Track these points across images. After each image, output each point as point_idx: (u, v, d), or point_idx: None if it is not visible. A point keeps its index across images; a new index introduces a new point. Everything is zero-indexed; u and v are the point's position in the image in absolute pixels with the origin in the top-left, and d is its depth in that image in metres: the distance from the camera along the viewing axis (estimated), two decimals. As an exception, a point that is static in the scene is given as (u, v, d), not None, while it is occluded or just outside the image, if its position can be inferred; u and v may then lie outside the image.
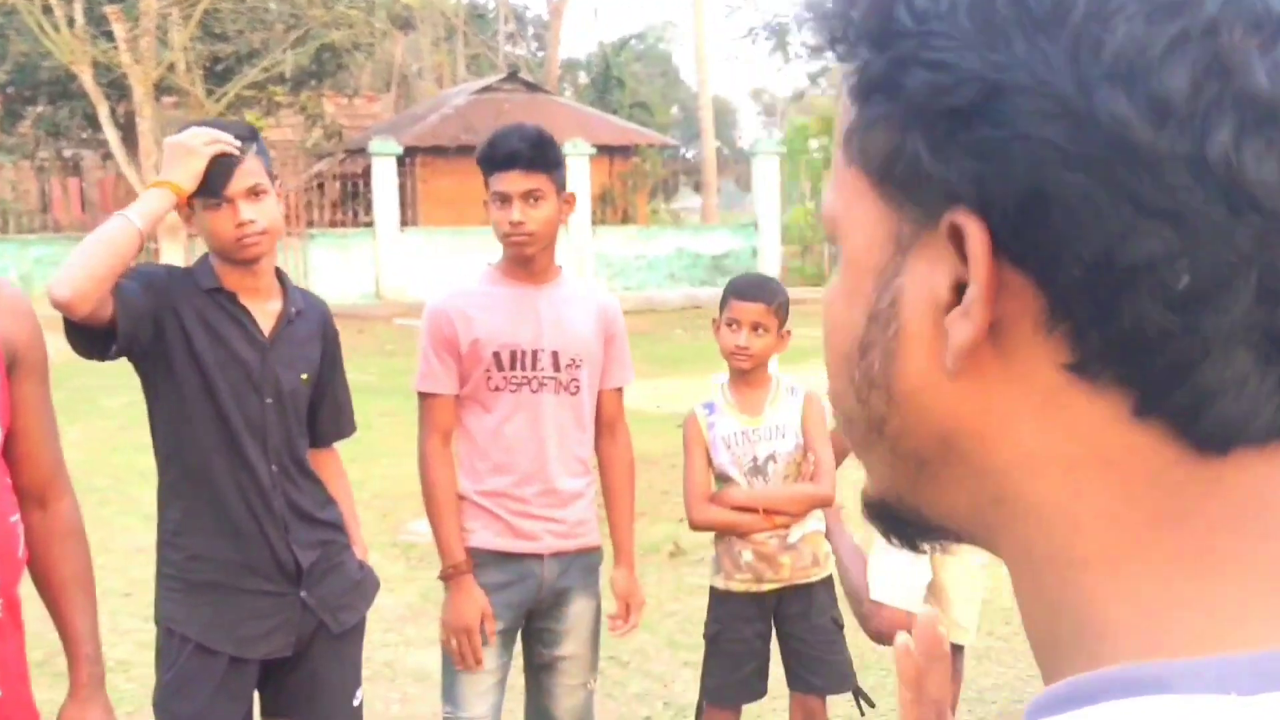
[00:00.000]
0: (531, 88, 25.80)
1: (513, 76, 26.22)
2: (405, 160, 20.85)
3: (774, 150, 21.49)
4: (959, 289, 0.49)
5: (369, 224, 20.53)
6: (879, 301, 0.52)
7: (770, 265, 20.28)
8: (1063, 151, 0.46)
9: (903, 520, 0.58)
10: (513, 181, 2.88)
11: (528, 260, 2.96)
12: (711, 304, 3.71)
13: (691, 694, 4.45)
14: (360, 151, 21.70)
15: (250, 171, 2.51)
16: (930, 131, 0.49)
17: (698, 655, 4.76)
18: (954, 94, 0.48)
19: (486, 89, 24.65)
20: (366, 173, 20.75)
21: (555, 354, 2.98)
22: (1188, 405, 0.47)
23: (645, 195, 24.45)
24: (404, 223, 20.65)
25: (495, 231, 2.96)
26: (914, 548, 0.59)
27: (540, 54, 39.43)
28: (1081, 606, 0.49)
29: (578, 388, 3.02)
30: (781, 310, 3.36)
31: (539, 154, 2.89)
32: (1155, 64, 0.45)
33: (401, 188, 20.59)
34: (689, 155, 39.39)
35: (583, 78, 41.47)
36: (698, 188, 37.56)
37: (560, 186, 2.94)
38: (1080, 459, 0.49)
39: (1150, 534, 0.48)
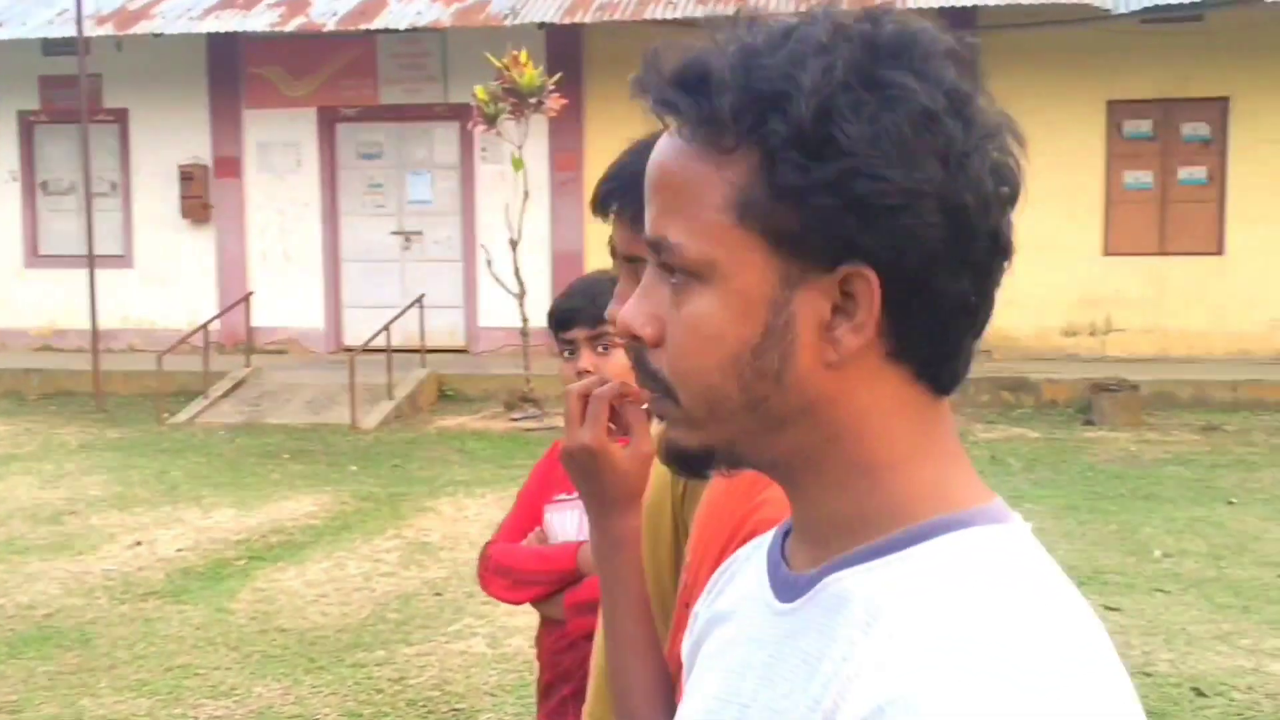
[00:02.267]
0: None
1: None
2: None
3: None
4: (834, 311, 0.78)
5: None
6: (775, 320, 0.79)
7: None
8: (944, 231, 0.76)
9: (714, 461, 0.85)
10: None
11: None
12: None
13: None
14: None
15: None
16: (864, 217, 0.76)
17: None
18: (890, 196, 0.75)
19: None
20: None
21: None
22: (950, 372, 0.81)
23: None
24: None
25: None
26: (703, 477, 0.89)
27: None
28: (892, 491, 0.80)
29: None
30: None
31: None
32: (986, 178, 0.77)
33: None
34: None
35: None
36: None
37: None
38: (891, 407, 0.81)
39: (927, 444, 0.82)
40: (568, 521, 2.47)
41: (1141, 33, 12.01)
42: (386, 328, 11.48)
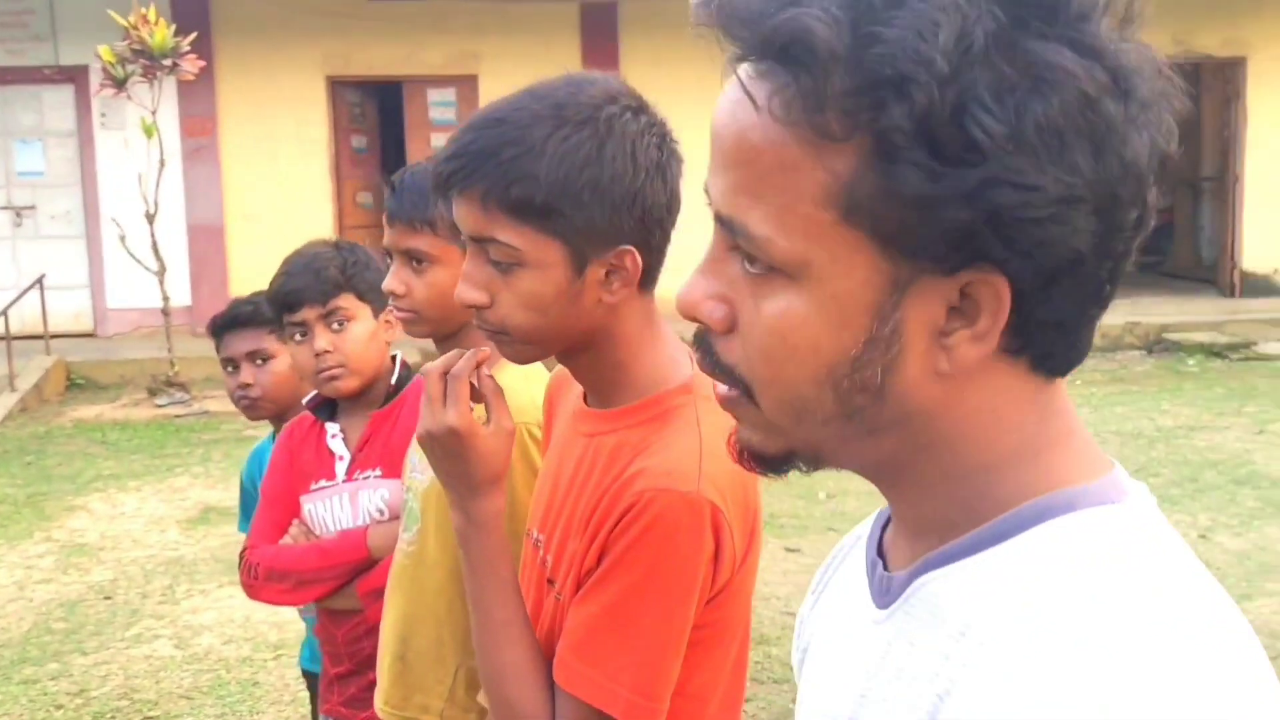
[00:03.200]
0: None
1: None
2: None
3: None
4: (949, 314, 0.67)
5: None
6: (880, 329, 0.68)
7: None
8: (1096, 234, 0.65)
9: (796, 463, 0.75)
10: None
11: None
12: None
13: None
14: None
15: None
16: (1003, 229, 0.64)
17: None
18: (1038, 208, 0.63)
19: None
20: None
21: None
22: (1067, 360, 0.71)
23: None
24: None
25: None
26: (781, 474, 0.77)
27: None
28: (990, 488, 0.72)
29: None
30: None
31: None
32: (1144, 157, 0.65)
33: None
34: None
35: None
36: None
37: None
38: (997, 406, 0.71)
39: (1035, 434, 0.72)
40: (333, 508, 2.32)
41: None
42: (4, 313, 10.41)
